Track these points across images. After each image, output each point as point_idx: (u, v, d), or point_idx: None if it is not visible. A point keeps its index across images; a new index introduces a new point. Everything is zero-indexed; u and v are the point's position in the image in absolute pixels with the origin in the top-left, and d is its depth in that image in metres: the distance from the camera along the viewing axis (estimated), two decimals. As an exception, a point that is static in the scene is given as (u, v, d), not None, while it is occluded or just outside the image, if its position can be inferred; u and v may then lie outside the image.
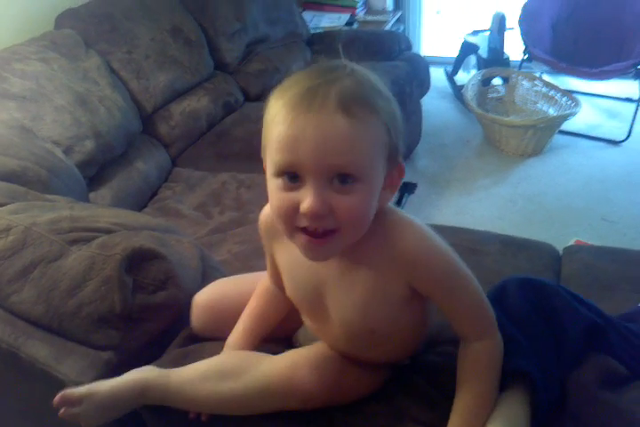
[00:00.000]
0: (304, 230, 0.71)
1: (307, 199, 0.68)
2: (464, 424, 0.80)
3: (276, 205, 0.72)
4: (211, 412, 0.90)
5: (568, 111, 2.89)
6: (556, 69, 3.16)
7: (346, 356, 0.89)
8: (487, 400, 0.81)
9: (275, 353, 0.91)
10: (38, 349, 0.98)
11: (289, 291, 0.90)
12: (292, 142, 0.67)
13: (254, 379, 0.86)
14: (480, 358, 0.82)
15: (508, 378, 0.84)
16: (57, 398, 0.85)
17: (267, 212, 0.87)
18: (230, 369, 0.89)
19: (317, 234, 0.71)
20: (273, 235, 0.87)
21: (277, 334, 1.03)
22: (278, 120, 0.69)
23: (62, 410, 0.85)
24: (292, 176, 0.69)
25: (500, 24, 3.44)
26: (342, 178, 0.68)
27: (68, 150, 1.72)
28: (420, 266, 0.78)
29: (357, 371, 0.90)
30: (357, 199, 0.69)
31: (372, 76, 0.74)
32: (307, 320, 0.93)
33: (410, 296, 0.81)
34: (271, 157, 0.71)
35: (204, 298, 1.05)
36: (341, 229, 0.71)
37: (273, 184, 0.72)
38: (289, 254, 0.85)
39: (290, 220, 0.71)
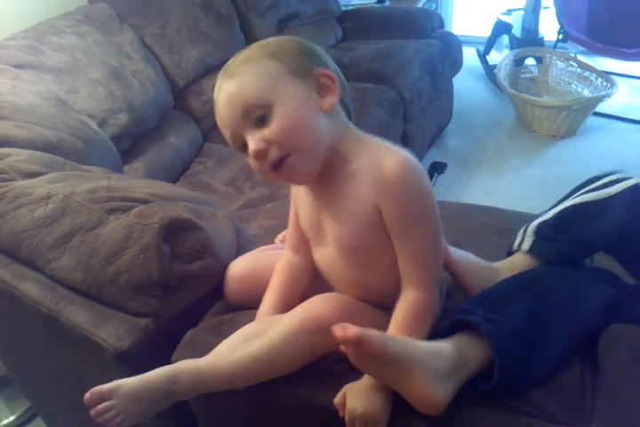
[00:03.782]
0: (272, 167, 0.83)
1: (249, 148, 0.82)
2: None
3: (251, 168, 0.86)
4: (246, 382, 0.90)
5: (603, 92, 2.84)
6: (592, 50, 3.10)
7: (348, 286, 0.95)
8: None
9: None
10: (78, 314, 1.00)
11: (302, 225, 0.99)
12: (220, 123, 0.86)
13: (279, 329, 0.87)
14: (412, 305, 0.86)
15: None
16: (86, 395, 0.82)
17: None
18: (254, 332, 0.90)
19: (277, 164, 0.82)
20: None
21: None
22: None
23: (96, 407, 0.82)
24: (241, 145, 0.85)
25: (534, 3, 3.37)
26: (259, 118, 0.81)
27: (102, 123, 1.74)
28: (393, 189, 0.82)
29: (371, 308, 0.93)
30: (280, 120, 0.81)
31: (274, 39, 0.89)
32: (315, 253, 0.98)
33: (380, 222, 0.85)
34: None
35: (237, 270, 1.07)
36: (292, 152, 0.82)
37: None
38: (300, 198, 0.98)
39: (261, 170, 0.84)
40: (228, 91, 0.83)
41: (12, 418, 1.70)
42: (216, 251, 1.06)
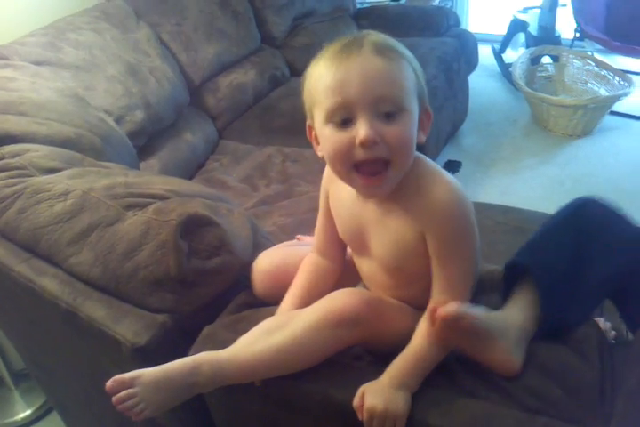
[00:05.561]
0: (360, 171, 0.80)
1: (361, 130, 0.77)
2: (401, 371, 0.84)
3: (332, 147, 0.80)
4: (266, 375, 0.89)
5: (620, 91, 2.81)
6: (610, 48, 3.07)
7: (385, 293, 0.96)
8: (431, 358, 0.85)
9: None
10: (96, 309, 1.00)
11: (340, 231, 0.98)
12: (339, 85, 0.77)
13: (301, 322, 0.88)
14: None
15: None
16: (108, 383, 0.82)
17: None
18: (276, 325, 0.90)
19: (372, 172, 0.80)
20: (332, 180, 0.95)
21: None
22: (322, 74, 0.79)
23: (117, 395, 0.82)
24: (343, 119, 0.78)
25: (551, 1, 3.35)
26: (387, 113, 0.77)
27: (118, 120, 1.75)
28: (438, 218, 0.83)
29: (397, 304, 0.94)
30: (403, 127, 0.79)
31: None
32: (355, 259, 1.00)
33: (423, 247, 0.86)
34: (321, 107, 0.80)
35: (265, 264, 1.07)
36: (392, 161, 0.80)
37: (326, 131, 0.80)
38: (339, 200, 0.96)
39: (346, 157, 0.80)
40: (378, 67, 0.77)
41: (28, 412, 1.72)
42: (233, 247, 1.06)
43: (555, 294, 0.89)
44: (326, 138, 0.81)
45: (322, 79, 0.79)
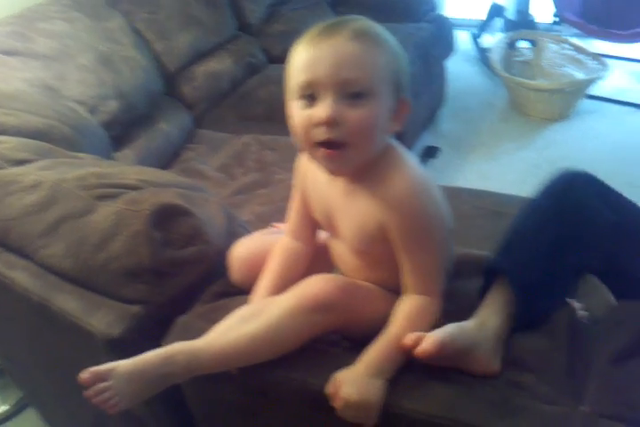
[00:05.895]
0: (322, 145, 0.81)
1: (320, 109, 0.79)
2: (377, 359, 0.84)
3: (297, 123, 0.83)
4: (242, 362, 0.89)
5: (596, 75, 2.82)
6: (586, 32, 3.08)
7: (355, 275, 0.97)
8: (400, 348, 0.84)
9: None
10: (68, 301, 0.99)
11: (314, 211, 0.99)
12: (310, 63, 0.80)
13: (276, 308, 0.87)
14: (411, 308, 0.88)
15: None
16: (84, 375, 0.81)
17: None
18: (250, 312, 0.90)
19: (333, 146, 0.81)
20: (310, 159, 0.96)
21: None
22: (299, 54, 0.82)
23: (93, 387, 0.81)
24: (310, 97, 0.80)
25: (528, -16, 3.35)
26: (353, 95, 0.79)
27: (92, 110, 1.73)
28: (398, 211, 0.84)
29: (372, 288, 0.95)
30: (366, 112, 0.79)
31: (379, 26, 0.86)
32: (329, 241, 1.01)
33: (385, 235, 0.87)
34: (292, 83, 0.83)
35: (242, 252, 1.06)
36: (352, 144, 0.81)
37: (295, 107, 0.83)
38: (315, 181, 0.96)
39: (308, 134, 0.81)
40: (350, 51, 0.78)
41: (4, 408, 1.70)
42: (208, 237, 1.05)
43: (531, 293, 0.90)
44: (294, 114, 0.83)
45: (298, 58, 0.82)
